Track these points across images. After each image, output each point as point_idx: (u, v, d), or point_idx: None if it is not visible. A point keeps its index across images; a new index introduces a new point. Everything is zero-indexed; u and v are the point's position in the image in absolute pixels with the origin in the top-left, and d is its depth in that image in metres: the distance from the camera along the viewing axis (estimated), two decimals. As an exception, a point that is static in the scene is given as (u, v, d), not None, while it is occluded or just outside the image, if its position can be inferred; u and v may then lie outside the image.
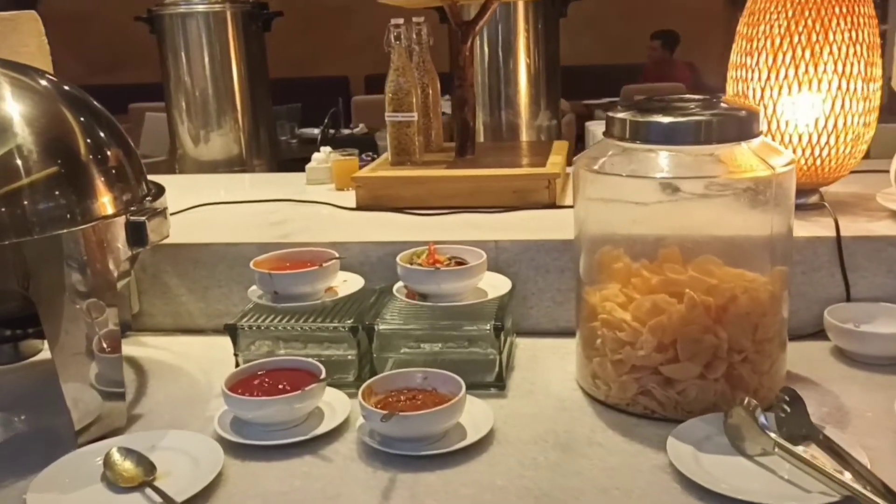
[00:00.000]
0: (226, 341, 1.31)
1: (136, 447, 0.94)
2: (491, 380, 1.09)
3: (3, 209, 0.94)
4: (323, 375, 1.01)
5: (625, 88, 5.47)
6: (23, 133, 0.97)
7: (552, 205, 1.45)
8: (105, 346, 1.01)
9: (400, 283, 1.18)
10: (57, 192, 0.97)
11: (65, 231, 0.95)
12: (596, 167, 1.03)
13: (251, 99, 2.15)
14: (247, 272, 1.34)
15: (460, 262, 1.15)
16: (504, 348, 1.10)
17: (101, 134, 1.05)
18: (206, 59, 2.11)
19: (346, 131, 4.45)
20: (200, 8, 2.10)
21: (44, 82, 1.07)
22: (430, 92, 1.65)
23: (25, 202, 0.95)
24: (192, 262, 1.35)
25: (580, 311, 1.09)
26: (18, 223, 0.94)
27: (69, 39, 8.02)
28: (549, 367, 1.16)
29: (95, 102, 1.12)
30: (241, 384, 1.02)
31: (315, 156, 1.81)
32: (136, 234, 1.02)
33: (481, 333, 1.10)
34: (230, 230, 1.43)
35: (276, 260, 1.21)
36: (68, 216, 0.97)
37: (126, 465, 0.91)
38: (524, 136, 1.95)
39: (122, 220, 1.01)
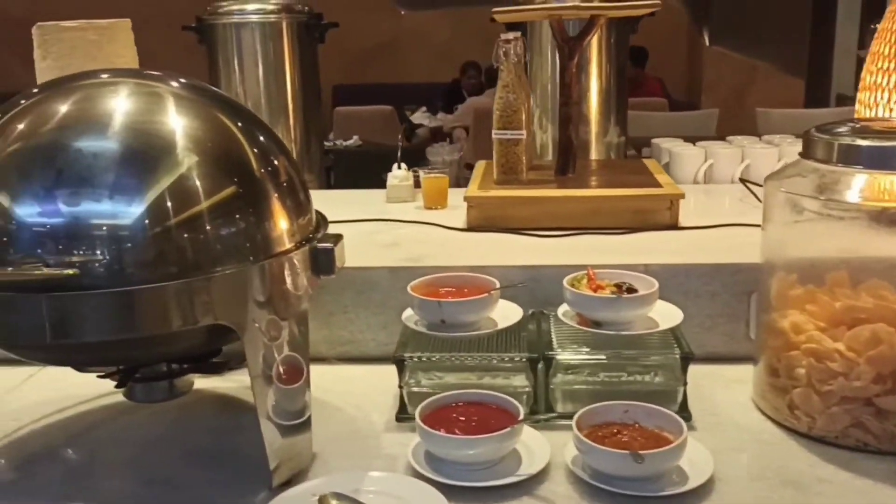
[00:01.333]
0: (357, 370, 1.26)
1: (343, 490, 0.88)
2: (675, 410, 1.06)
3: (186, 236, 0.87)
4: (522, 414, 0.96)
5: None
6: (194, 151, 0.90)
7: (673, 226, 1.43)
8: (286, 375, 0.94)
9: (564, 309, 1.14)
10: (238, 216, 0.90)
11: (261, 262, 0.88)
12: (808, 191, 1.01)
13: (304, 111, 2.08)
14: (374, 297, 1.29)
15: (630, 289, 1.12)
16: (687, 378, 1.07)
17: (271, 147, 0.98)
18: (261, 70, 2.03)
19: (342, 143, 4.36)
20: (255, 18, 2.02)
21: (203, 93, 1.00)
22: (526, 109, 1.61)
23: (208, 227, 0.88)
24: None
25: (765, 338, 1.07)
26: (203, 251, 0.87)
27: (18, 44, 7.76)
28: (719, 396, 1.14)
29: (254, 113, 1.05)
30: (431, 419, 0.97)
31: (396, 173, 1.75)
32: (325, 261, 0.96)
33: (667, 362, 1.07)
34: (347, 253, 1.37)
35: (427, 286, 1.16)
36: (248, 243, 0.90)
37: (345, 514, 0.85)
38: (593, 154, 1.93)
39: (306, 247, 0.95)
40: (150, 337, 0.88)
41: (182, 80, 1.02)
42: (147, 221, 0.84)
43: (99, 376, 1.01)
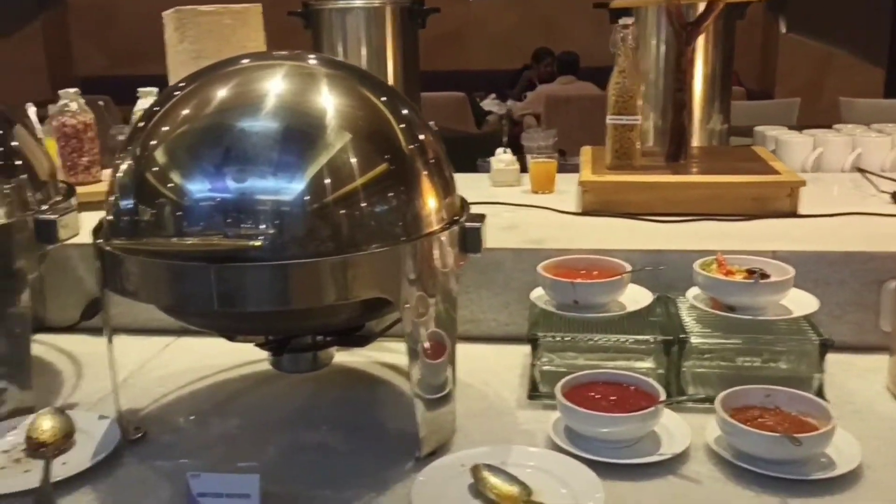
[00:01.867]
0: (479, 349, 1.28)
1: (491, 462, 0.91)
2: (811, 398, 1.06)
3: (343, 212, 0.90)
4: (663, 395, 0.97)
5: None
6: (348, 129, 0.93)
7: (792, 213, 1.42)
8: (432, 350, 0.97)
9: (695, 293, 1.14)
10: (391, 193, 0.93)
11: (413, 240, 0.91)
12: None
13: (406, 96, 2.10)
14: (497, 278, 1.31)
15: (763, 275, 1.12)
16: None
17: (419, 126, 1.01)
18: (364, 55, 2.07)
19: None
20: (360, 3, 2.05)
21: (353, 72, 1.03)
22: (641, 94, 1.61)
23: (363, 204, 0.91)
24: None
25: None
26: (359, 228, 0.90)
27: (95, 31, 7.97)
28: (853, 385, 1.13)
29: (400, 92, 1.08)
30: (571, 396, 0.99)
31: (502, 157, 1.77)
32: (473, 240, 0.98)
33: (803, 349, 1.07)
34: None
35: (556, 268, 1.17)
36: (401, 221, 0.93)
37: (498, 484, 0.87)
38: (695, 141, 1.91)
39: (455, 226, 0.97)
40: (308, 309, 0.92)
41: (331, 60, 1.05)
42: (308, 198, 0.88)
43: (257, 345, 1.05)
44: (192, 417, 1.10)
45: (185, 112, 0.95)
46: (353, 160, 0.91)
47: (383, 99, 0.99)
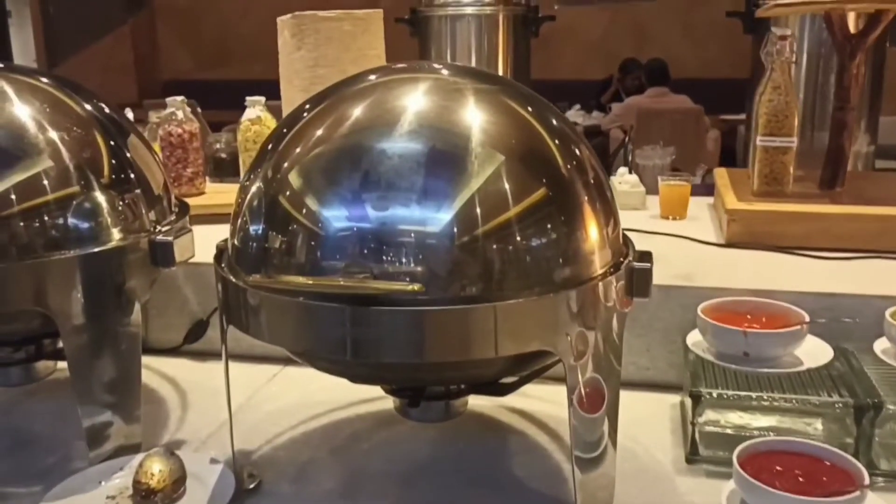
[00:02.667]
0: (623, 397, 1.14)
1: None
2: None
3: (496, 247, 0.78)
4: (867, 479, 0.82)
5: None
6: (501, 150, 0.81)
7: (979, 253, 1.25)
8: (588, 401, 0.84)
9: (884, 346, 0.99)
10: (550, 225, 0.80)
11: (578, 285, 0.79)
12: None
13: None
14: (641, 316, 1.17)
15: (971, 330, 0.96)
16: None
17: (579, 147, 0.88)
18: (473, 63, 1.96)
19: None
20: (471, 10, 1.95)
21: (502, 85, 0.92)
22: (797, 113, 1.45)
23: (518, 238, 0.79)
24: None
25: None
26: (514, 268, 0.78)
27: (182, 33, 8.10)
28: None
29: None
30: (749, 467, 0.85)
31: (627, 178, 1.63)
32: (641, 283, 0.85)
33: None
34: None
35: (718, 311, 1.03)
36: (561, 258, 0.81)
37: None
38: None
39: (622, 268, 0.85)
40: (458, 362, 0.81)
41: (477, 71, 0.93)
42: (457, 230, 0.76)
43: (386, 391, 0.94)
44: (308, 463, 1.00)
45: (320, 132, 0.84)
46: (506, 186, 0.79)
47: (536, 113, 0.87)
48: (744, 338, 0.96)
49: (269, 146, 0.88)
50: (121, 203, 0.99)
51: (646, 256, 0.87)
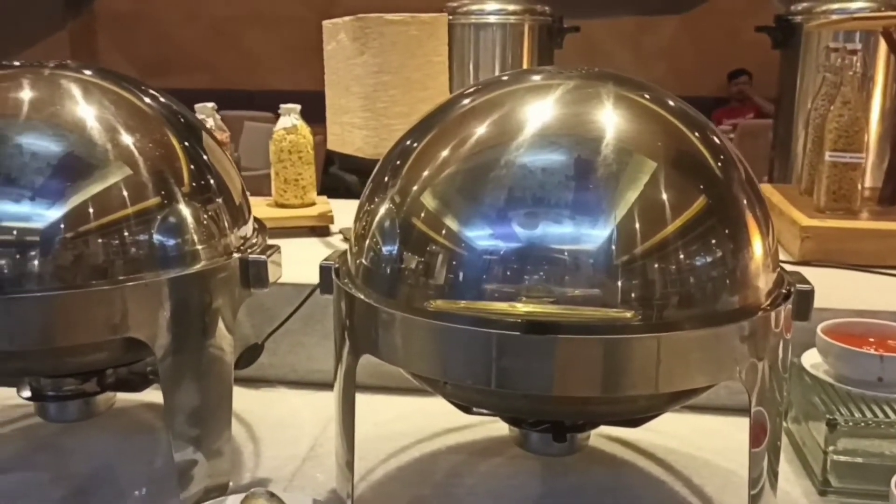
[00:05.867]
0: (719, 423, 1.10)
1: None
2: None
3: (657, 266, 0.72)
4: None
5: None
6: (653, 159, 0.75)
7: None
8: (752, 437, 0.79)
9: None
10: (714, 241, 0.75)
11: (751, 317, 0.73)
12: None
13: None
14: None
15: None
16: None
17: (727, 150, 0.83)
18: (497, 72, 1.90)
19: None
20: (495, 19, 1.89)
21: (644, 91, 0.86)
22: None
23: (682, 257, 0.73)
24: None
25: None
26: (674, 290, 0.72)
27: (121, 40, 7.85)
28: None
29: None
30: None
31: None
32: (803, 308, 0.80)
33: None
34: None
35: (836, 332, 0.99)
36: (728, 279, 0.75)
37: None
38: (868, 181, 1.74)
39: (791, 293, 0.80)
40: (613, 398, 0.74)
41: (611, 74, 0.87)
42: (614, 249, 0.70)
43: (529, 426, 0.86)
44: (415, 502, 0.92)
45: (457, 145, 0.77)
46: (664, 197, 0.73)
47: (683, 118, 0.81)
48: (880, 362, 0.92)
49: (395, 163, 0.80)
50: (205, 216, 0.89)
51: (804, 280, 0.82)
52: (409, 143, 0.82)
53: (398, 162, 0.81)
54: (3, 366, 0.86)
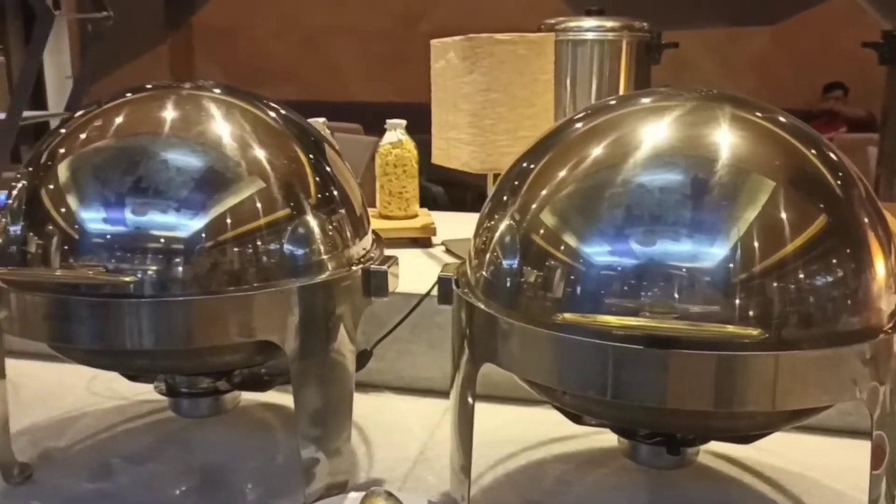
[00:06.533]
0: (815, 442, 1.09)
1: None
2: None
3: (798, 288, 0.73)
4: None
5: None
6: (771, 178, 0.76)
7: None
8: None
9: None
10: (835, 259, 0.76)
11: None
12: None
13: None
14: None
15: None
16: None
17: (845, 167, 0.84)
18: (594, 88, 1.93)
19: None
20: (592, 36, 1.92)
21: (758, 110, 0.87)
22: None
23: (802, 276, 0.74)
24: None
25: None
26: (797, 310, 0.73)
27: (217, 53, 8.15)
28: None
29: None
30: None
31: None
32: None
33: None
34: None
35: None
36: (850, 300, 0.76)
37: None
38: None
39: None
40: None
41: (728, 96, 0.89)
42: (733, 267, 0.72)
43: (642, 438, 0.89)
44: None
45: (575, 165, 0.80)
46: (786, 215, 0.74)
47: (800, 137, 0.82)
48: None
49: (514, 182, 0.84)
50: (330, 227, 0.94)
51: None
52: (526, 164, 0.86)
53: (516, 182, 0.84)
54: (149, 364, 0.94)
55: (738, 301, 0.70)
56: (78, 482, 0.98)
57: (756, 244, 0.72)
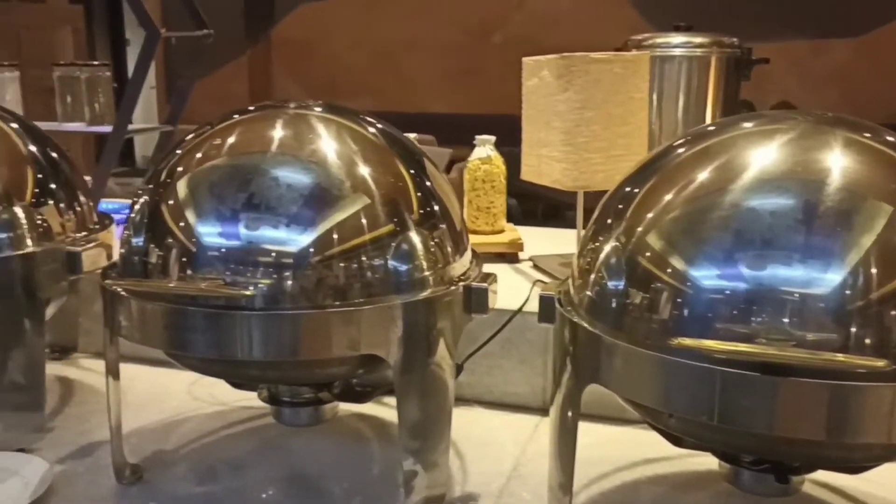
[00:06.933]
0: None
1: None
2: None
3: None
4: None
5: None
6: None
7: None
8: None
9: None
10: None
11: None
12: None
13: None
14: None
15: None
16: None
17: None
18: (680, 106, 1.91)
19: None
20: (680, 52, 1.90)
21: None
22: None
23: None
24: None
25: None
26: None
27: (294, 65, 8.34)
28: None
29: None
30: None
31: None
32: None
33: None
34: None
35: None
36: None
37: None
38: None
39: None
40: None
41: (845, 119, 0.88)
42: (849, 294, 0.71)
43: (747, 465, 0.88)
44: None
45: (682, 188, 0.80)
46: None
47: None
48: None
49: (618, 206, 0.85)
50: (432, 242, 0.96)
51: None
52: (630, 188, 0.86)
53: (620, 205, 0.85)
54: (260, 374, 0.97)
55: (854, 329, 0.70)
56: (186, 485, 1.02)
57: (874, 270, 0.71)
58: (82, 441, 1.13)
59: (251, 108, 1.06)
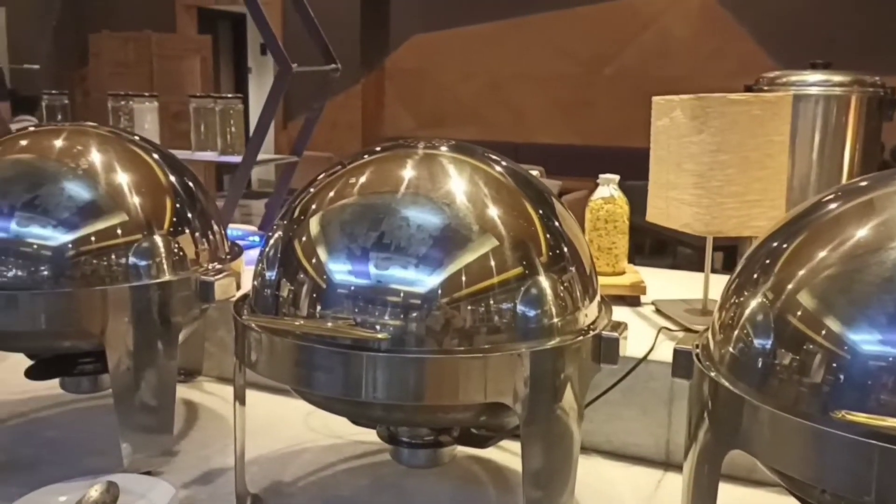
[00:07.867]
0: None
1: None
2: None
3: None
4: None
5: None
6: None
7: None
8: None
9: None
10: None
11: None
12: None
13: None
14: None
15: None
16: None
17: None
18: (815, 146, 1.82)
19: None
20: (817, 90, 1.82)
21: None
22: None
23: None
24: None
25: None
26: None
27: (405, 94, 8.49)
28: None
29: None
30: None
31: None
32: None
33: None
34: None
35: None
36: None
37: None
38: None
39: None
40: None
41: None
42: None
43: None
44: None
45: (837, 245, 0.75)
46: None
47: None
48: None
49: (765, 261, 0.80)
50: (561, 287, 0.93)
51: None
52: (777, 243, 0.81)
53: (767, 260, 0.80)
54: (385, 416, 0.97)
55: None
56: (304, 519, 1.02)
57: None
58: (204, 467, 1.15)
59: (379, 147, 1.06)
